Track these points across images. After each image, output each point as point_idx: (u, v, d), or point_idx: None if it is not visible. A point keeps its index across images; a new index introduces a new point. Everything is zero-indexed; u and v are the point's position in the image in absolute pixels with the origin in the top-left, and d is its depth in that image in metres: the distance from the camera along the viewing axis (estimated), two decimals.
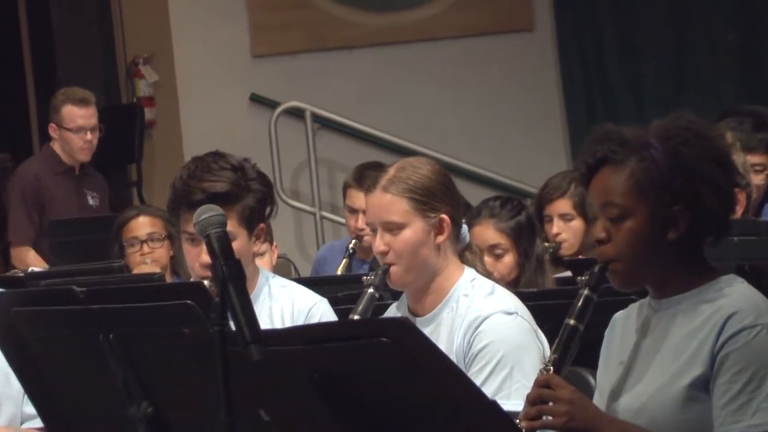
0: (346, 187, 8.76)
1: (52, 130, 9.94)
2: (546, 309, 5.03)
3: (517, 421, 4.13)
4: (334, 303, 5.50)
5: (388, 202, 4.95)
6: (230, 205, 5.08)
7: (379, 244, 4.97)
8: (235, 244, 4.18)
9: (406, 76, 12.33)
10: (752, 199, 6.87)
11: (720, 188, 4.11)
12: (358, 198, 8.18)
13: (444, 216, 4.97)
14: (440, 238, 4.96)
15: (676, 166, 4.06)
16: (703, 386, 4.00)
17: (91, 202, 9.79)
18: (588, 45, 12.55)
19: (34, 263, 8.81)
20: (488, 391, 4.30)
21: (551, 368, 4.20)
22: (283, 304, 5.27)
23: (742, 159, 6.40)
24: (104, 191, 10.27)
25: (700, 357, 4.01)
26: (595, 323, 4.33)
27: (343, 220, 9.73)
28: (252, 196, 5.19)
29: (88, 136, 9.80)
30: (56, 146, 9.81)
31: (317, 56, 12.39)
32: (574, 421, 4.06)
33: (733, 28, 12.53)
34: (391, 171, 5.10)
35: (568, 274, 6.50)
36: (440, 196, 4.99)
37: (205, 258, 5.10)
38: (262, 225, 5.37)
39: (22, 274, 7.23)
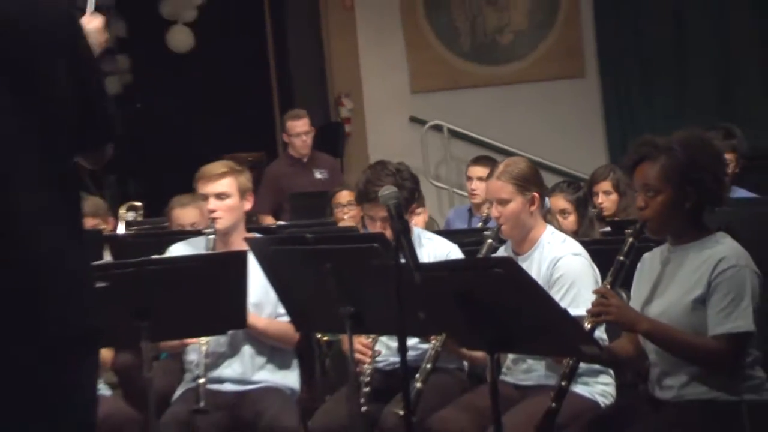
0: (468, 166, 8.69)
1: (285, 137, 9.84)
2: (595, 252, 4.98)
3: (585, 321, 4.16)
4: (462, 246, 5.43)
5: (500, 186, 4.91)
6: None
7: (495, 212, 4.94)
8: None
9: (507, 105, 12.20)
10: None
11: (717, 177, 4.17)
12: (472, 171, 8.10)
13: (535, 194, 4.92)
14: (533, 208, 4.91)
15: (691, 162, 4.10)
16: (702, 301, 4.03)
17: (318, 176, 9.60)
18: (626, 89, 12.36)
19: (272, 222, 8.78)
20: (563, 304, 4.26)
21: (608, 285, 4.23)
22: (428, 249, 5.21)
23: None
24: (332, 167, 10.05)
25: (701, 283, 4.04)
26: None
27: (465, 194, 9.61)
28: (406, 190, 5.12)
29: (303, 137, 9.56)
30: (289, 147, 9.77)
31: (453, 92, 12.27)
32: (621, 317, 4.11)
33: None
34: (501, 166, 5.05)
35: (608, 229, 6.45)
36: (532, 181, 4.94)
37: (375, 226, 5.12)
38: (414, 204, 5.30)
39: (275, 226, 7.16)
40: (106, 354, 5.37)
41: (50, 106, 2.97)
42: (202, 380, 5.09)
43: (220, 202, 5.37)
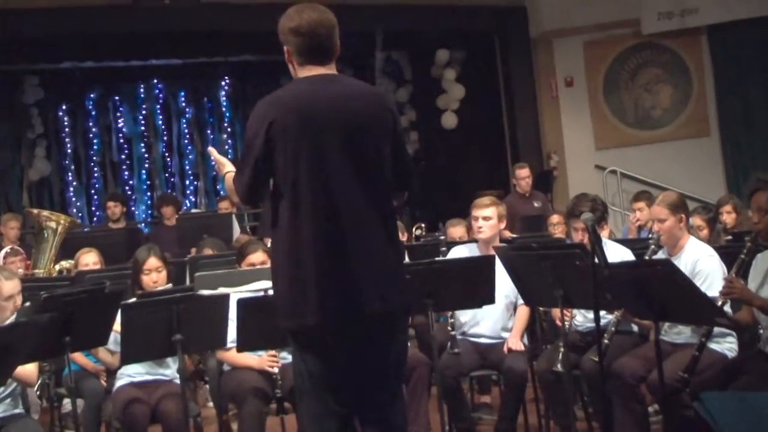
0: (631, 201, 8.40)
1: (514, 180, 9.54)
2: (722, 253, 4.74)
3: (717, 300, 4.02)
4: (633, 250, 5.23)
5: (659, 210, 4.73)
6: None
7: (656, 228, 4.79)
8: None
9: (658, 156, 11.80)
10: None
11: None
12: (634, 205, 7.82)
13: (683, 215, 4.72)
14: (681, 224, 4.70)
15: None
16: None
17: (536, 205, 9.29)
18: (737, 143, 11.95)
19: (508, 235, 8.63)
20: (702, 288, 4.07)
21: (733, 275, 4.13)
22: (611, 252, 4.93)
23: None
24: (544, 200, 9.66)
25: None
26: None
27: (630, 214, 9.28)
28: (599, 212, 4.98)
29: (526, 180, 9.31)
30: (517, 186, 9.53)
31: (622, 148, 11.92)
32: (743, 296, 4.05)
33: None
34: (660, 197, 4.88)
35: (730, 238, 6.14)
36: (681, 207, 4.74)
37: (578, 237, 4.99)
38: (603, 222, 5.15)
39: (511, 238, 7.08)
40: None
41: (375, 166, 3.04)
42: (453, 332, 5.15)
43: (485, 222, 5.34)
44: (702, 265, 4.56)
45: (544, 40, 12.09)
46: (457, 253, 5.48)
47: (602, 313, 4.71)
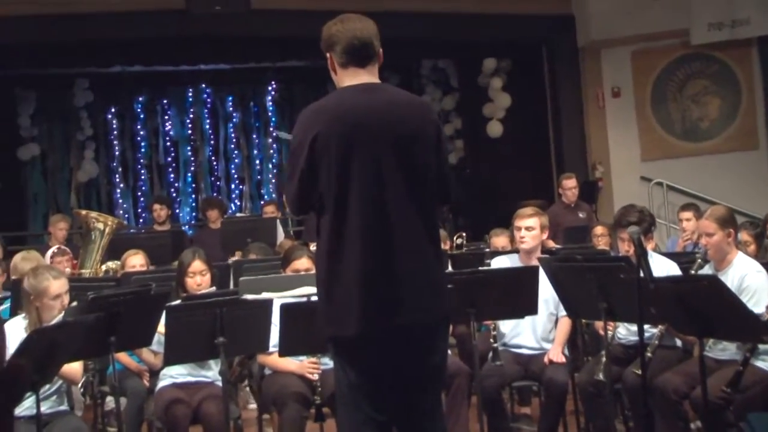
0: (678, 212, 8.29)
1: (560, 190, 9.49)
2: None
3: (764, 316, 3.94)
4: (679, 264, 5.15)
5: (707, 224, 4.68)
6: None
7: (703, 242, 4.73)
8: None
9: (705, 168, 11.62)
10: None
11: None
12: (681, 215, 7.69)
13: (731, 230, 4.67)
14: (729, 239, 4.65)
15: None
16: None
17: (581, 216, 9.19)
18: None
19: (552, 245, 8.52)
20: (749, 305, 4.01)
21: None
22: (656, 265, 4.85)
23: None
24: (589, 210, 9.58)
25: None
26: None
27: (678, 227, 9.15)
28: (646, 223, 4.92)
29: (572, 190, 9.24)
30: (562, 196, 9.45)
31: (669, 160, 11.77)
32: None
33: None
34: (709, 211, 4.83)
35: None
36: (729, 221, 4.68)
37: (624, 247, 4.94)
38: (649, 234, 5.08)
39: (554, 249, 6.97)
40: None
41: (421, 176, 3.04)
42: (495, 344, 5.11)
43: (528, 232, 5.31)
44: (749, 280, 4.50)
45: (591, 49, 12.00)
46: (499, 263, 5.45)
47: (646, 326, 4.66)
